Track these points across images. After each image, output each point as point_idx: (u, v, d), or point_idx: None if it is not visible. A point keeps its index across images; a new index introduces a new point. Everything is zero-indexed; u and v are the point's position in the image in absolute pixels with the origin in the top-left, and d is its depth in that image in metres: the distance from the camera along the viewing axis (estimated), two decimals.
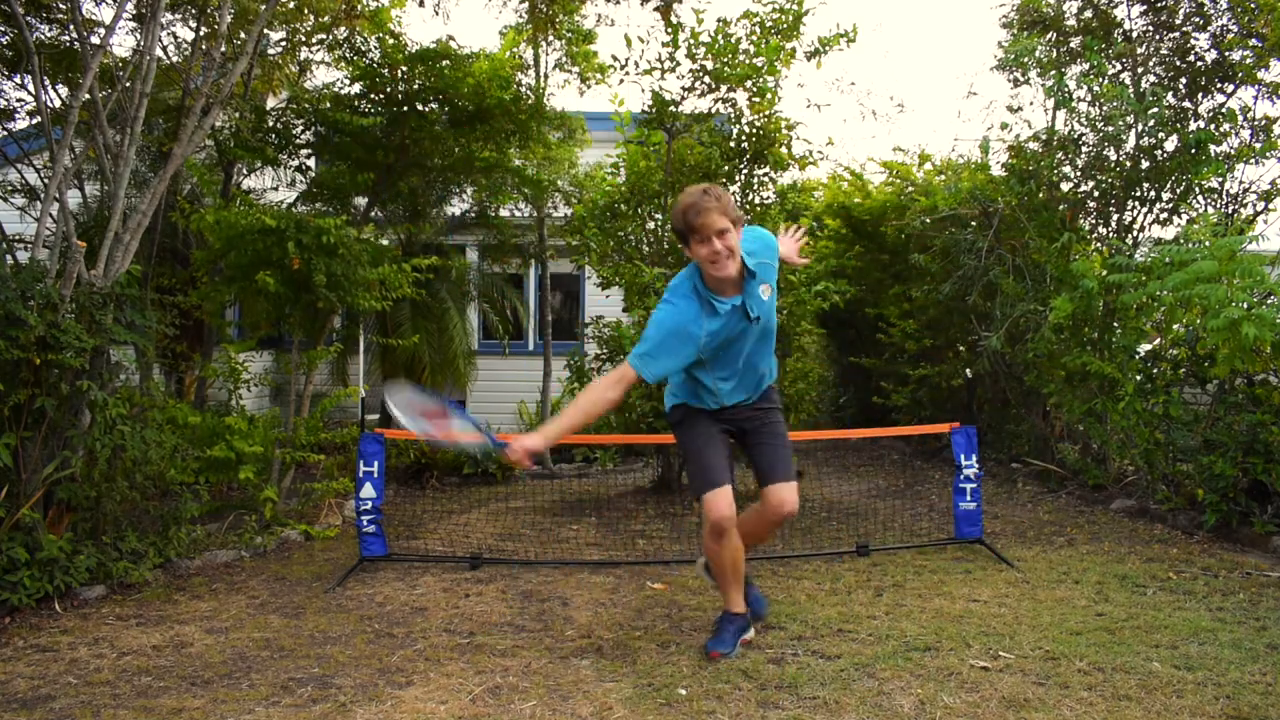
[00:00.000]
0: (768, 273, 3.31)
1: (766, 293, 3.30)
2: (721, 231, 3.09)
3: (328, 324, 7.14)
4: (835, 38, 7.33)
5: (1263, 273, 4.99)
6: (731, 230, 3.11)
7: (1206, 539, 5.38)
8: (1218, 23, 7.15)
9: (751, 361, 3.39)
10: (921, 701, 3.04)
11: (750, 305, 3.26)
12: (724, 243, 3.10)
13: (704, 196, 3.09)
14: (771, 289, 3.33)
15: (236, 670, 3.52)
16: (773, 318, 3.36)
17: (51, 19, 6.78)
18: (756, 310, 3.27)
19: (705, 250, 3.11)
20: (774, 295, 3.33)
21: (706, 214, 3.06)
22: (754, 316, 3.26)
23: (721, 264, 3.11)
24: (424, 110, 7.71)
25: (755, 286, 3.26)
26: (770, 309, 3.31)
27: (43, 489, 4.48)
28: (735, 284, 3.23)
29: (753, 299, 3.26)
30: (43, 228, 5.03)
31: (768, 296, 3.30)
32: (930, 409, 9.34)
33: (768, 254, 3.33)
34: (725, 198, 3.10)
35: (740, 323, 3.27)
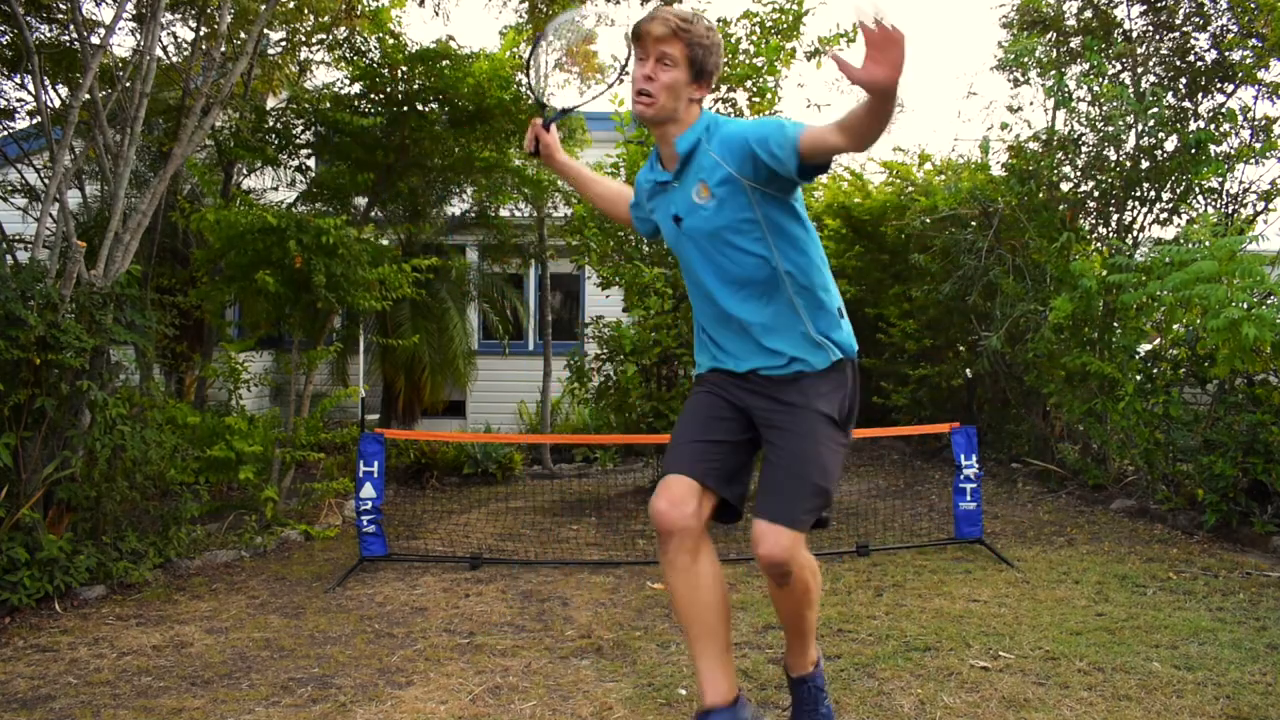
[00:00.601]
0: (714, 169, 2.22)
1: (703, 196, 2.24)
2: (661, 55, 2.21)
3: (328, 324, 7.14)
4: (835, 38, 7.33)
5: (1263, 273, 4.99)
6: (677, 62, 2.21)
7: (1206, 539, 5.38)
8: (1218, 23, 7.15)
9: (716, 299, 2.32)
10: (921, 701, 3.05)
11: (674, 198, 2.33)
12: (651, 70, 2.21)
13: (676, 8, 2.27)
14: (717, 195, 2.23)
15: (236, 670, 3.52)
16: (733, 241, 2.25)
17: (51, 19, 6.78)
18: (679, 209, 2.31)
19: (636, 69, 2.25)
20: (740, 209, 2.22)
21: (652, 21, 2.21)
22: (675, 216, 2.33)
23: (640, 99, 2.23)
24: (424, 110, 7.71)
25: (690, 177, 2.27)
26: (712, 223, 2.25)
27: (43, 489, 4.48)
28: (671, 156, 2.33)
29: (680, 191, 2.31)
30: (43, 228, 5.03)
31: (705, 201, 2.24)
32: (930, 409, 9.34)
33: (739, 145, 2.18)
34: (697, 22, 2.24)
35: (667, 219, 2.37)
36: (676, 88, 2.23)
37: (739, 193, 2.19)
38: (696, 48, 2.22)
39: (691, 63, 2.23)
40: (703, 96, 2.28)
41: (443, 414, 10.82)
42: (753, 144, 2.12)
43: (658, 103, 2.23)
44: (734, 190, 2.19)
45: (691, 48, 2.22)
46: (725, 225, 2.23)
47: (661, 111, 2.24)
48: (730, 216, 2.22)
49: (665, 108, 2.24)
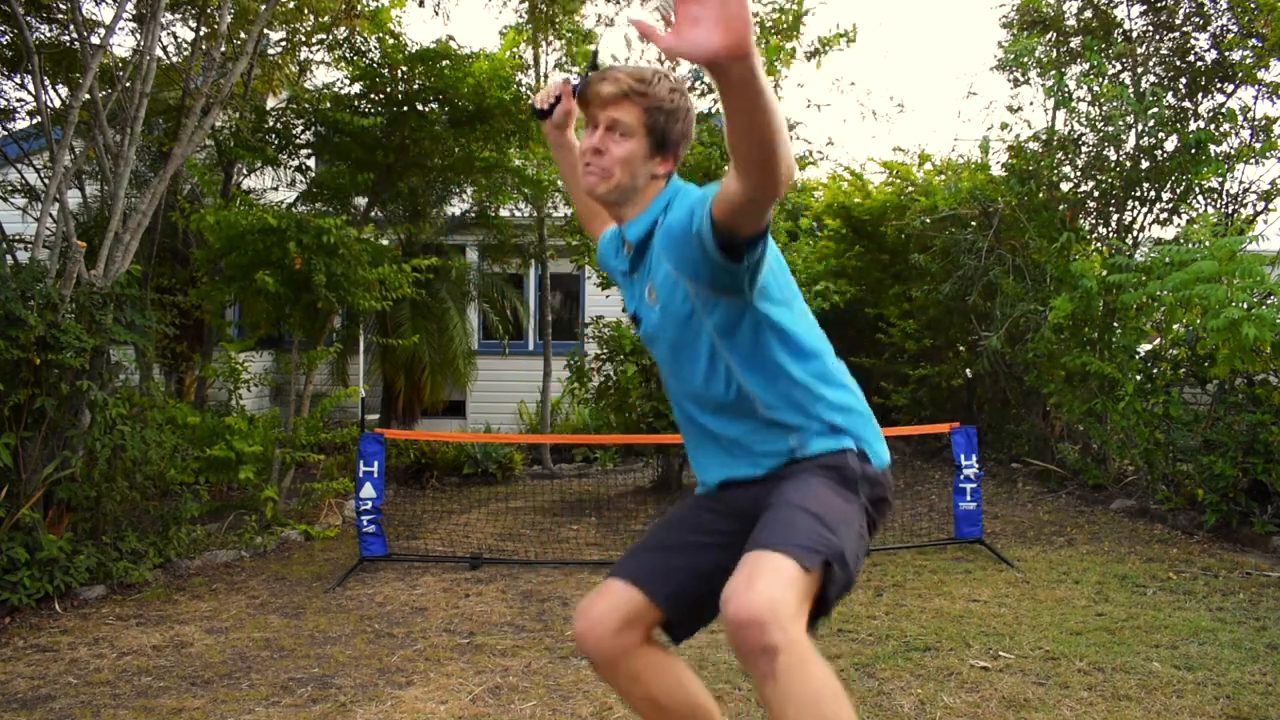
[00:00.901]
0: (658, 264, 1.77)
1: (650, 299, 1.81)
2: (612, 122, 1.73)
3: (328, 324, 7.14)
4: (835, 38, 7.34)
5: (1263, 273, 4.99)
6: (632, 131, 1.73)
7: (1206, 539, 5.38)
8: (1218, 23, 7.16)
9: (682, 406, 1.87)
10: (921, 701, 3.04)
11: (631, 291, 1.89)
12: (600, 140, 1.74)
13: (633, 68, 1.77)
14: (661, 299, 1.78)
15: (236, 670, 3.52)
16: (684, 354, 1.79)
17: (51, 19, 6.78)
18: (635, 307, 1.89)
19: (584, 140, 1.79)
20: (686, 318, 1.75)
21: (600, 81, 1.74)
22: (634, 314, 1.92)
23: (589, 173, 1.77)
24: (424, 110, 7.71)
25: (643, 272, 1.83)
26: (662, 330, 1.79)
27: (43, 489, 4.48)
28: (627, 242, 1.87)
29: (635, 286, 1.87)
30: (43, 228, 5.03)
31: (653, 305, 1.80)
32: (930, 409, 9.34)
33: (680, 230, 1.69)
34: (657, 82, 1.73)
35: (631, 298, 1.91)
36: (632, 162, 1.74)
37: (684, 297, 1.71)
38: (656, 113, 1.72)
39: (651, 131, 1.73)
40: (668, 172, 1.80)
41: (443, 414, 10.82)
42: (694, 223, 1.62)
43: (611, 180, 1.75)
44: (677, 293, 1.71)
45: (650, 113, 1.72)
46: (675, 336, 1.76)
47: (614, 191, 1.76)
48: (677, 326, 1.74)
49: (620, 186, 1.76)
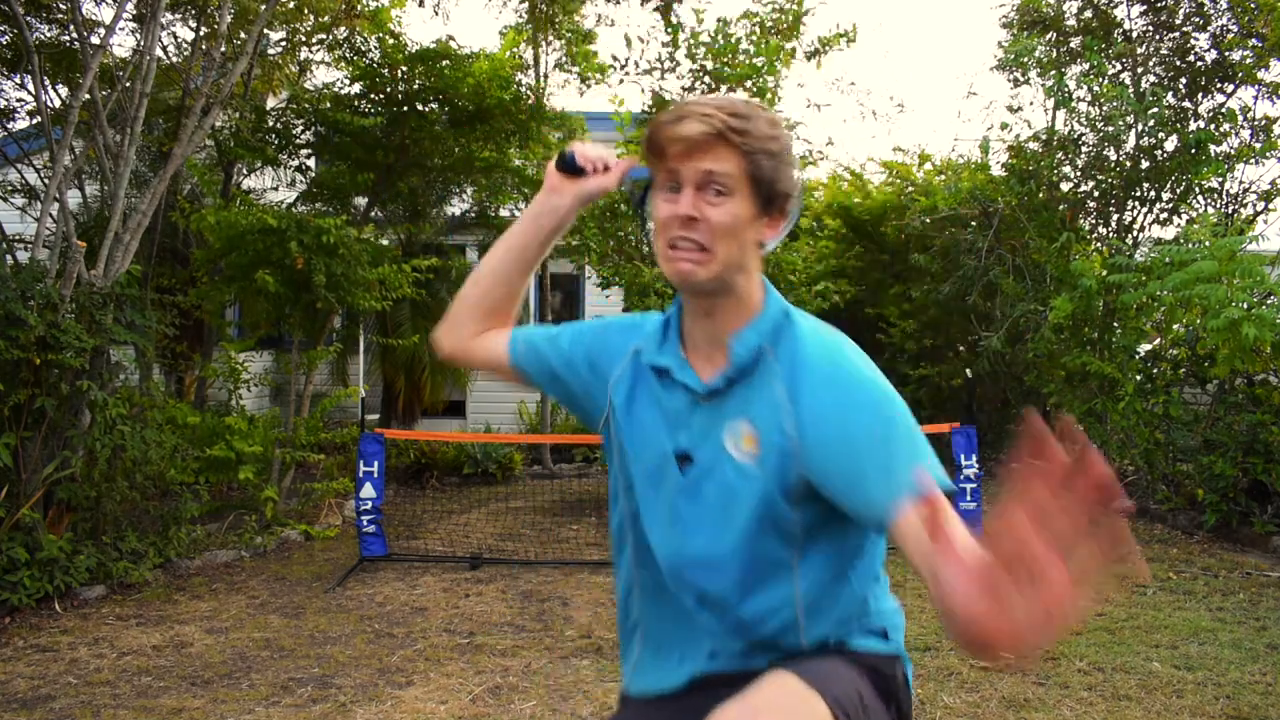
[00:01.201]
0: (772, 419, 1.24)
1: (744, 449, 1.25)
2: (704, 176, 1.21)
3: (328, 324, 7.14)
4: (835, 38, 7.34)
5: (1263, 273, 5.00)
6: (733, 186, 1.21)
7: (1206, 539, 5.38)
8: (1218, 23, 7.16)
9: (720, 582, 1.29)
10: (921, 701, 3.05)
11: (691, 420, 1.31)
12: (693, 203, 1.21)
13: (718, 98, 1.26)
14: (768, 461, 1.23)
15: (236, 670, 3.52)
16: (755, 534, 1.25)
17: (51, 19, 6.79)
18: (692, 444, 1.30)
19: (664, 209, 1.24)
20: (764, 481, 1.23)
21: (682, 120, 1.21)
22: (681, 452, 1.30)
23: (681, 253, 1.22)
24: (424, 110, 7.72)
25: (733, 406, 1.27)
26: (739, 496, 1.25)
27: (43, 489, 4.48)
28: (720, 352, 1.29)
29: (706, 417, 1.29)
30: (43, 228, 5.03)
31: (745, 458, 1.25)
32: (930, 409, 9.34)
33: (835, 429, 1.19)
34: (754, 117, 1.22)
35: (649, 441, 1.34)
36: (738, 230, 1.21)
37: (793, 478, 1.21)
38: (761, 157, 1.20)
39: (756, 184, 1.21)
40: (773, 238, 1.27)
41: (443, 414, 10.82)
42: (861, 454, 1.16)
43: (714, 259, 1.21)
44: (787, 469, 1.21)
45: (753, 159, 1.20)
46: (755, 513, 1.23)
47: (717, 276, 1.22)
48: (766, 504, 1.23)
49: (727, 265, 1.22)
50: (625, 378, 1.38)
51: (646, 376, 1.36)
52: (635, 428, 1.36)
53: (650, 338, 1.38)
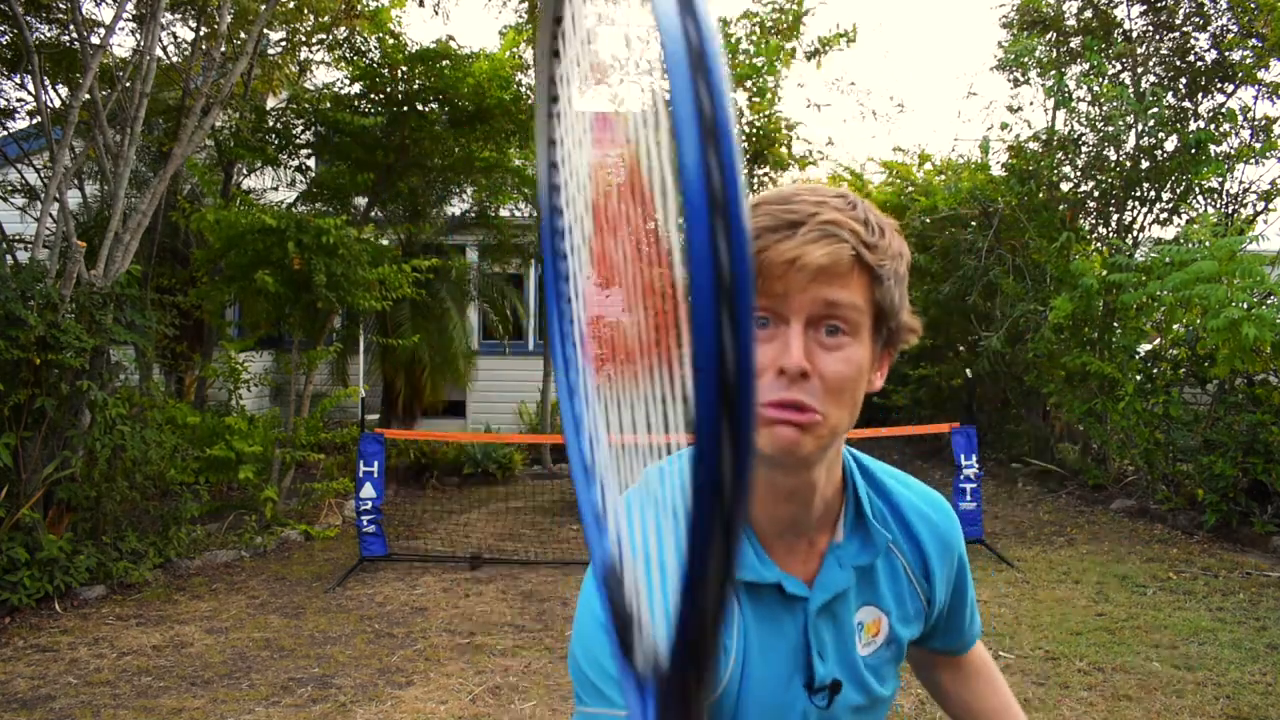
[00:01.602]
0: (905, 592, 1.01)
1: (872, 638, 0.98)
2: (835, 312, 0.82)
3: (328, 324, 7.14)
4: (835, 38, 7.34)
5: (1263, 273, 5.00)
6: (866, 337, 0.85)
7: (1206, 539, 5.38)
8: (1218, 23, 7.16)
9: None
10: (921, 701, 3.04)
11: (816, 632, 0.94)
12: (825, 357, 0.83)
13: (829, 196, 0.88)
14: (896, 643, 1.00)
15: (236, 670, 3.52)
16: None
17: (51, 19, 6.78)
18: (831, 665, 0.95)
19: (768, 354, 0.82)
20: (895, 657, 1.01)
21: (813, 235, 0.81)
22: (823, 682, 0.93)
23: (781, 414, 0.81)
24: (424, 110, 7.72)
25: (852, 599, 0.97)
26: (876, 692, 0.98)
27: (43, 489, 4.48)
28: (810, 534, 0.95)
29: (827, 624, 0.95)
30: (43, 228, 5.03)
31: (873, 651, 0.98)
32: (930, 409, 9.35)
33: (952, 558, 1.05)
34: (891, 230, 0.90)
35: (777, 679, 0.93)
36: (858, 383, 0.87)
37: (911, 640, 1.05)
38: (890, 282, 0.88)
39: (880, 315, 0.88)
40: (880, 385, 0.93)
41: (443, 414, 10.82)
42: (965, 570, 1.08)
43: (826, 421, 0.85)
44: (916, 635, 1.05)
45: (884, 284, 0.87)
46: (883, 702, 1.02)
47: (832, 438, 0.87)
48: (891, 687, 1.02)
49: (839, 428, 0.87)
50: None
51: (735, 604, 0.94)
52: (755, 680, 0.93)
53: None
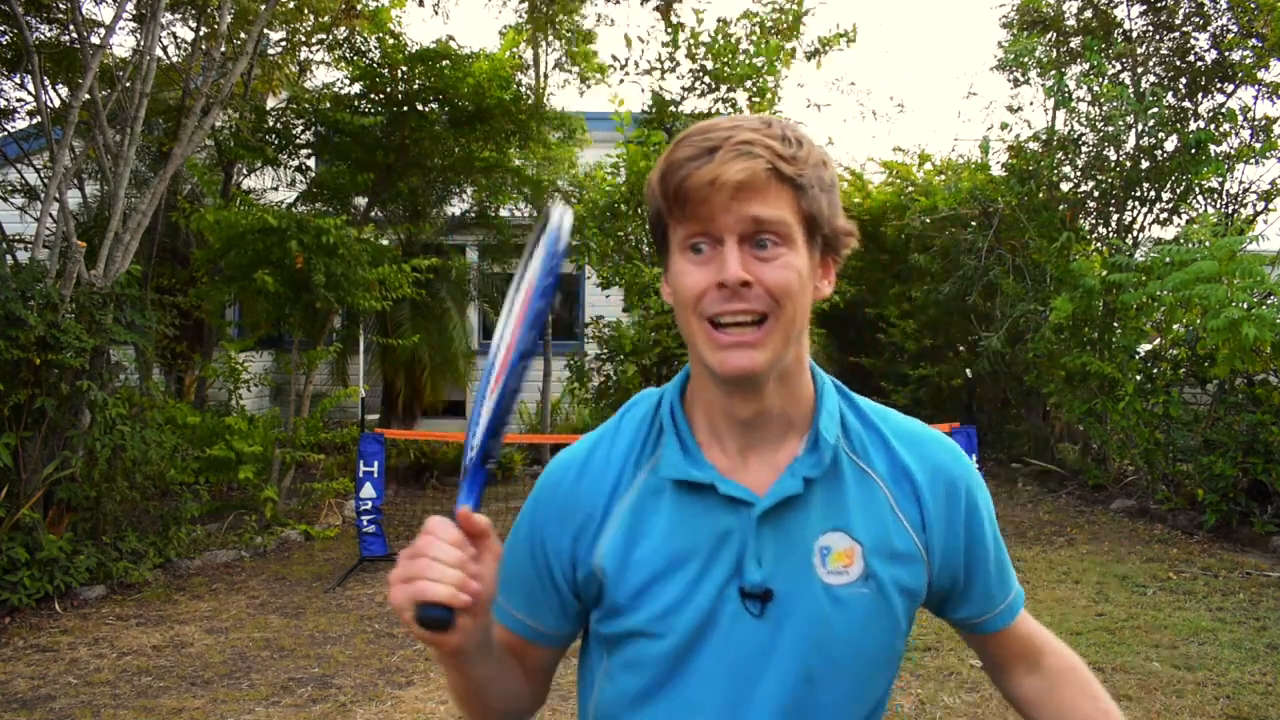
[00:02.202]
0: (890, 527, 0.96)
1: (842, 565, 0.94)
2: (753, 224, 0.87)
3: (327, 324, 7.14)
4: (835, 38, 7.35)
5: (1263, 273, 5.00)
6: (792, 236, 0.89)
7: (1206, 539, 5.38)
8: (1218, 23, 7.16)
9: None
10: (921, 701, 3.05)
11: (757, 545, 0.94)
12: (764, 268, 0.88)
13: (749, 121, 0.90)
14: (879, 577, 0.95)
15: (236, 670, 3.52)
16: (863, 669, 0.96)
17: (51, 19, 6.78)
18: (767, 575, 0.93)
19: (697, 275, 0.90)
20: (885, 602, 0.95)
21: (729, 155, 0.86)
22: (755, 588, 0.93)
23: (732, 336, 0.88)
24: (424, 110, 7.72)
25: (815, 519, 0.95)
26: (849, 628, 0.94)
27: (43, 489, 4.48)
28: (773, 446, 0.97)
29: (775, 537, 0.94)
30: (43, 228, 5.03)
31: (844, 581, 0.94)
32: (930, 409, 9.33)
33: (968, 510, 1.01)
34: (810, 144, 0.91)
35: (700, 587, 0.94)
36: (801, 288, 0.91)
37: (915, 591, 0.99)
38: (816, 191, 0.92)
39: (812, 224, 0.92)
40: (829, 289, 0.98)
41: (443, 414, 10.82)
42: (985, 527, 1.03)
43: (774, 331, 0.90)
44: (909, 582, 0.98)
45: (808, 193, 0.91)
46: (867, 643, 0.97)
47: (784, 347, 0.92)
48: (885, 631, 0.97)
49: (790, 335, 0.92)
50: (620, 523, 0.98)
51: (656, 502, 0.97)
52: (662, 571, 0.96)
53: (640, 452, 1.01)
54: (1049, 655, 1.06)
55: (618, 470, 1.00)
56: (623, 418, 1.05)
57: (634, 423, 1.03)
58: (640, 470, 1.00)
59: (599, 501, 1.00)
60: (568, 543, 1.01)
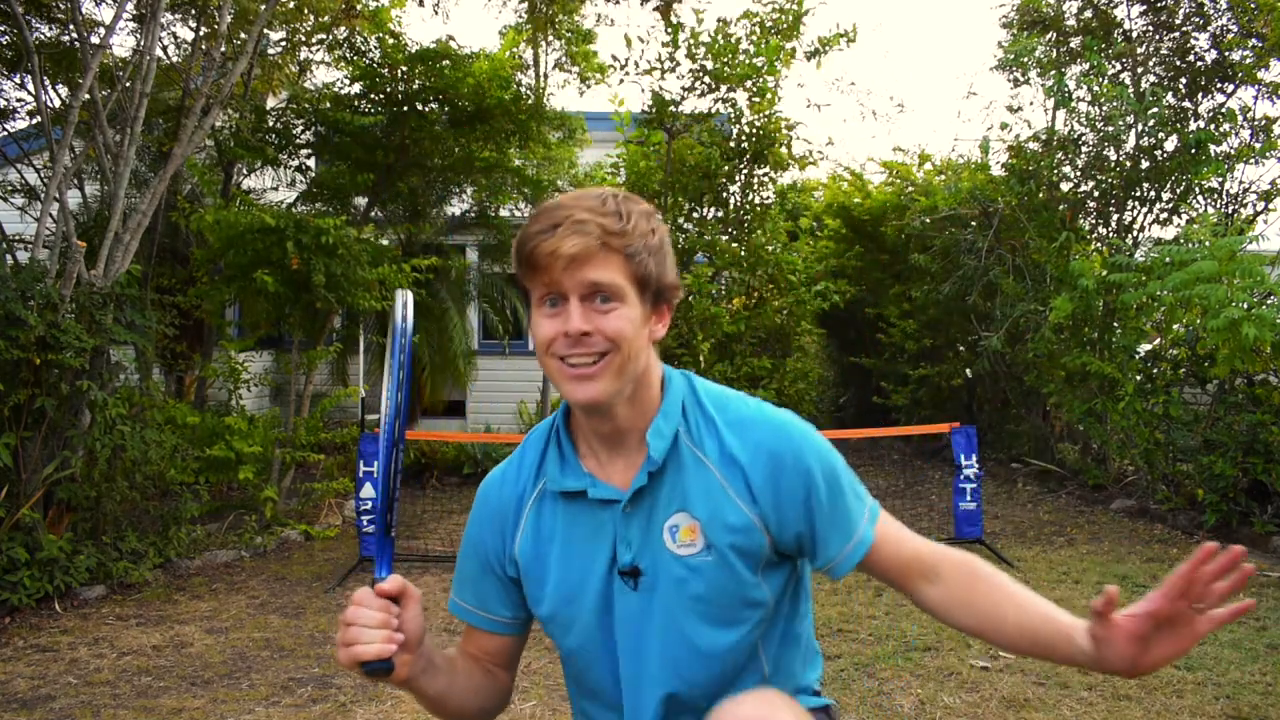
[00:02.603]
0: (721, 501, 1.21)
1: (686, 540, 1.21)
2: (588, 287, 1.15)
3: (327, 324, 7.14)
4: (835, 38, 7.35)
5: (1263, 273, 4.99)
6: (622, 293, 1.16)
7: (1206, 539, 5.38)
8: (1218, 23, 7.16)
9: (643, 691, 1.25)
10: (921, 701, 3.05)
11: (623, 532, 1.23)
12: (601, 320, 1.15)
13: (586, 200, 1.17)
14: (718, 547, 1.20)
15: (236, 670, 3.52)
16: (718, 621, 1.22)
17: (51, 19, 6.78)
18: (635, 555, 1.22)
19: (548, 325, 1.17)
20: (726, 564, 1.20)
21: (566, 232, 1.13)
22: (627, 566, 1.23)
23: (579, 371, 1.16)
24: (424, 110, 7.72)
25: (662, 503, 1.22)
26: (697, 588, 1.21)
27: (43, 489, 4.48)
28: (634, 452, 1.24)
29: (636, 523, 1.22)
30: (43, 228, 5.03)
31: (691, 552, 1.21)
32: (930, 409, 9.34)
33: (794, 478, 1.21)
34: (640, 217, 1.18)
35: (588, 569, 1.25)
36: (635, 336, 1.15)
37: (753, 551, 1.20)
38: (644, 256, 1.15)
39: (642, 283, 1.16)
40: (663, 330, 1.23)
41: (443, 414, 10.82)
42: (819, 488, 1.21)
43: (612, 370, 1.14)
44: (749, 544, 1.20)
45: (637, 260, 1.15)
46: (719, 598, 1.20)
47: (623, 381, 1.16)
48: (732, 586, 1.20)
49: (627, 371, 1.16)
50: (527, 523, 1.27)
51: (552, 508, 1.26)
52: (559, 565, 1.25)
53: (539, 466, 1.29)
54: (945, 565, 1.23)
55: (525, 480, 1.29)
56: (527, 440, 1.33)
57: (535, 442, 1.31)
58: (539, 480, 1.28)
59: (512, 506, 1.29)
60: (498, 541, 1.30)
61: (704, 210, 8.04)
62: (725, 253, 7.70)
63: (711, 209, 8.04)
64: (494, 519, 1.30)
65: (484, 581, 1.31)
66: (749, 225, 7.89)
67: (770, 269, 7.78)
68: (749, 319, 7.59)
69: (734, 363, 7.49)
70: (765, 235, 7.82)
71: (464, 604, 1.34)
